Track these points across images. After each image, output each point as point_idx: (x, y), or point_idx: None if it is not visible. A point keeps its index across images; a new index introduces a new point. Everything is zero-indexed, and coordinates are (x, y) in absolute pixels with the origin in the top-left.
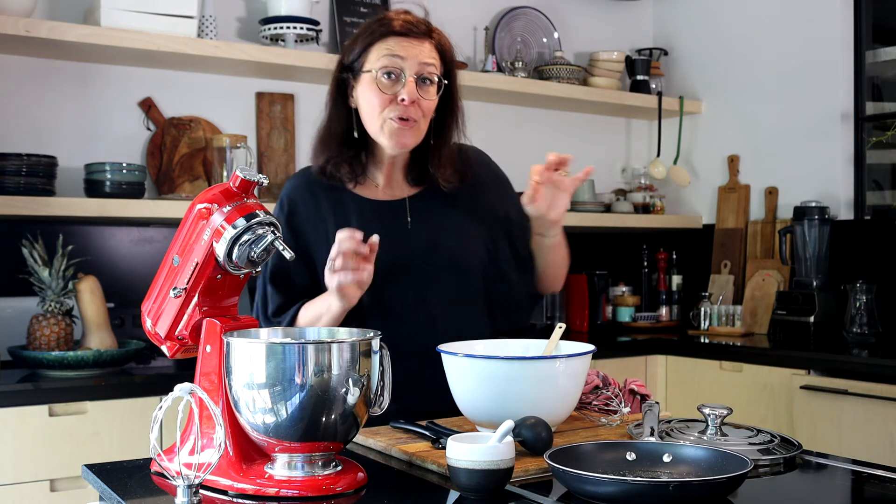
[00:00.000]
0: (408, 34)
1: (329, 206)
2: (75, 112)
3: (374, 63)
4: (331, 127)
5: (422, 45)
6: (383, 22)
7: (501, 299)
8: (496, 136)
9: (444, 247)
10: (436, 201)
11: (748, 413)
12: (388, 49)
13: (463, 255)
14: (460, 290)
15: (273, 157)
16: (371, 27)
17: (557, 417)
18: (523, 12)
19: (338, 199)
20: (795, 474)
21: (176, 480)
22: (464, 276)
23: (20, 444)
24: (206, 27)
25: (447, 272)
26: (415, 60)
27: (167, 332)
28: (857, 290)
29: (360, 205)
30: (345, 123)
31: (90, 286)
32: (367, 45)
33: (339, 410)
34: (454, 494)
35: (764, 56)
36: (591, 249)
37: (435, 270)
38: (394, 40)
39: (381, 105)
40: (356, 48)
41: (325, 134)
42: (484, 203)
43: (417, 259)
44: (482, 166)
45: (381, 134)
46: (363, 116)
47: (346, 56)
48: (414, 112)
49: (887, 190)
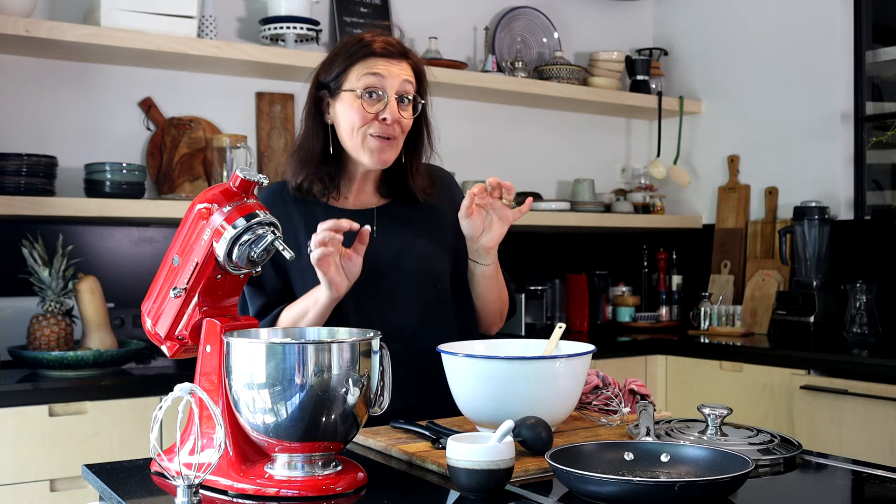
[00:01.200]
0: (387, 55)
1: (300, 217)
2: (75, 112)
3: (356, 82)
4: (306, 144)
5: (400, 64)
6: (363, 44)
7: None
8: (496, 136)
9: (410, 255)
10: (402, 213)
11: (748, 413)
12: (370, 69)
13: (429, 263)
14: (428, 296)
15: (273, 157)
16: (351, 48)
17: (557, 417)
18: (523, 12)
19: (309, 210)
20: (795, 474)
21: (176, 480)
22: (432, 283)
23: (20, 444)
24: (206, 27)
25: (415, 279)
26: (396, 80)
27: (167, 332)
28: (857, 290)
29: (329, 214)
30: (321, 139)
31: (90, 286)
32: (348, 66)
33: (339, 410)
34: (454, 494)
35: (764, 56)
36: (591, 249)
37: (403, 278)
38: (374, 61)
39: (361, 122)
40: (335, 68)
41: (301, 151)
42: (449, 221)
43: (384, 267)
44: (448, 188)
45: (362, 150)
46: (341, 133)
47: (322, 74)
48: (393, 130)
49: (887, 190)
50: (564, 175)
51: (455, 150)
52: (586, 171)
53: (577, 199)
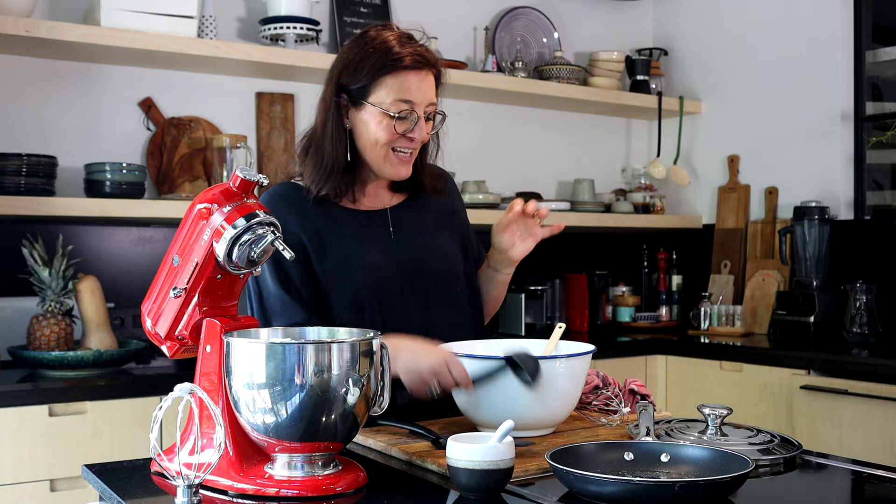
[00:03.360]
0: (416, 68)
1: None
2: (75, 112)
3: (385, 99)
4: (327, 150)
5: (428, 78)
6: (393, 55)
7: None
8: (496, 136)
9: (429, 254)
10: (415, 212)
11: (748, 413)
12: (402, 90)
13: (450, 266)
14: (451, 298)
15: (273, 157)
16: (380, 58)
17: (557, 417)
18: (523, 12)
19: (322, 209)
20: (795, 474)
21: (176, 480)
22: (453, 285)
23: (20, 444)
24: (206, 27)
25: (435, 278)
26: (425, 99)
27: (167, 332)
28: (857, 290)
29: (343, 213)
30: (342, 146)
31: (90, 286)
32: (376, 77)
33: (339, 410)
34: (454, 494)
35: (764, 56)
36: (591, 249)
37: (424, 277)
38: (405, 77)
39: (388, 139)
40: (360, 76)
41: (319, 157)
42: (456, 220)
43: (405, 267)
44: (453, 188)
45: (383, 164)
46: (363, 144)
47: (345, 78)
48: (417, 145)
49: (887, 190)
50: (564, 175)
51: (455, 150)
52: (586, 171)
53: (577, 199)
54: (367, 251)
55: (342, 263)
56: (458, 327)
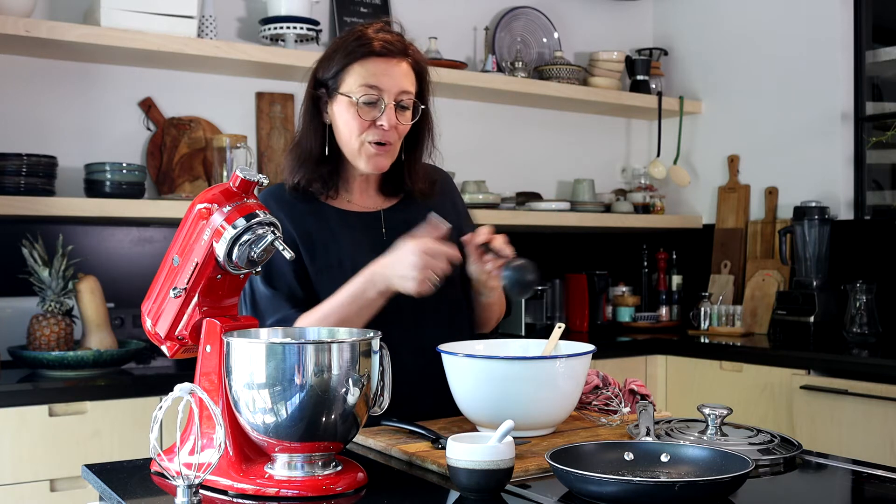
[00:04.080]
0: (386, 55)
1: (307, 212)
2: (75, 112)
3: (353, 87)
4: (304, 143)
5: (399, 66)
6: (362, 41)
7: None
8: (496, 136)
9: None
10: (409, 214)
11: (748, 413)
12: (367, 75)
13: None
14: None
15: (273, 157)
16: (348, 45)
17: (557, 417)
18: (523, 12)
19: (314, 208)
20: (795, 474)
21: (176, 480)
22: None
23: (20, 444)
24: (206, 27)
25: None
26: (394, 85)
27: (167, 332)
28: (857, 290)
29: (335, 214)
30: (319, 140)
31: (90, 286)
32: (345, 65)
33: (339, 410)
34: (454, 494)
35: (764, 56)
36: (591, 249)
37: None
38: (373, 63)
39: (359, 129)
40: (332, 66)
41: (297, 150)
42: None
43: None
44: (448, 188)
45: (359, 156)
46: (339, 136)
47: (320, 71)
48: (391, 136)
49: (887, 190)
50: (564, 175)
51: (455, 150)
52: (586, 171)
53: (577, 199)
54: (358, 252)
55: (334, 263)
56: (454, 329)
